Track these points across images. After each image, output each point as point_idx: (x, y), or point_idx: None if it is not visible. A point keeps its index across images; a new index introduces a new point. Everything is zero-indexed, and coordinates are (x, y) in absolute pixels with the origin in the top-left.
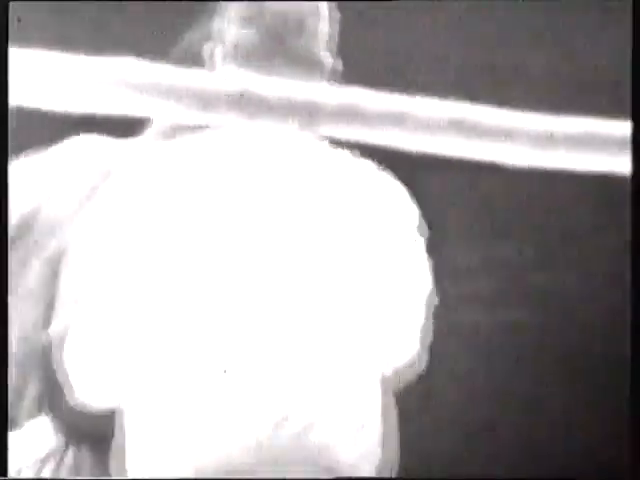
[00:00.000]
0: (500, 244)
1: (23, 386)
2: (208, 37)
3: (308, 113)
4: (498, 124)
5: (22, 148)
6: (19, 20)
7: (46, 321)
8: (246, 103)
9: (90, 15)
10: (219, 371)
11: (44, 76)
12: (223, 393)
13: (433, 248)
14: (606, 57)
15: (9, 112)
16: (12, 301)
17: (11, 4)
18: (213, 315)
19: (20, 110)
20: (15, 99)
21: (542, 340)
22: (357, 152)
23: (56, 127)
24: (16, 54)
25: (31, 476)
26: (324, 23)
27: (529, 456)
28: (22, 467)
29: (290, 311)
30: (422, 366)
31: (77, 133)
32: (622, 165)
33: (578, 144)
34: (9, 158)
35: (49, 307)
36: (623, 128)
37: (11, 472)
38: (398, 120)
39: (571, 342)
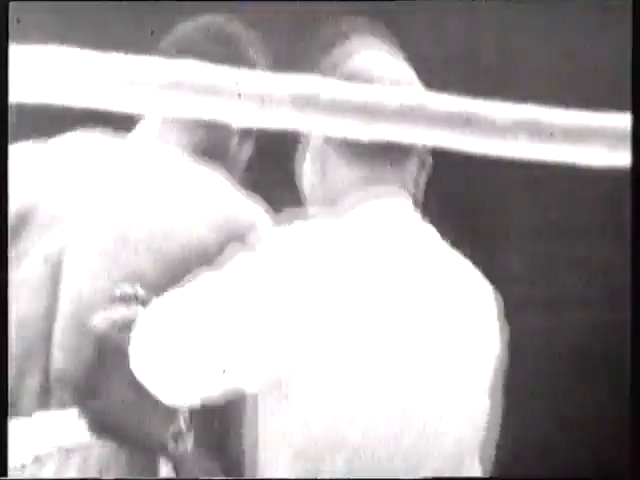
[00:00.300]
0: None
1: (21, 376)
2: (201, 30)
3: (370, 114)
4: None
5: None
6: (18, 21)
7: (49, 315)
8: (306, 104)
9: (90, 16)
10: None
11: (44, 71)
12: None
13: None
14: (606, 57)
15: (9, 109)
16: (11, 293)
17: (11, 4)
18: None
19: (20, 106)
20: (15, 95)
21: (542, 340)
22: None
23: (57, 123)
24: (16, 51)
25: (55, 464)
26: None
27: (529, 456)
28: (41, 455)
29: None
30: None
31: (79, 128)
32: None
33: (577, 137)
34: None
35: (52, 301)
36: (623, 121)
37: (27, 458)
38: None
39: (571, 341)
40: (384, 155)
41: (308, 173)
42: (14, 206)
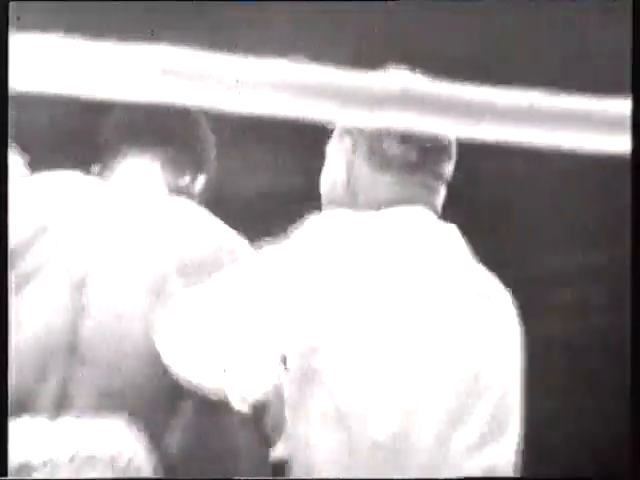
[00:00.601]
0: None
1: (41, 379)
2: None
3: (468, 113)
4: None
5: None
6: (18, 19)
7: (75, 325)
8: (406, 102)
9: (90, 16)
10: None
11: (45, 61)
12: None
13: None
14: (606, 57)
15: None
16: (28, 305)
17: (11, 4)
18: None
19: (20, 95)
20: (15, 85)
21: (541, 339)
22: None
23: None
24: (16, 40)
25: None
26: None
27: (529, 456)
28: (75, 455)
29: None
30: None
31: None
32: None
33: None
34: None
35: (78, 313)
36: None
37: (63, 456)
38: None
39: (571, 341)
40: (413, 171)
41: (333, 181)
42: (27, 220)
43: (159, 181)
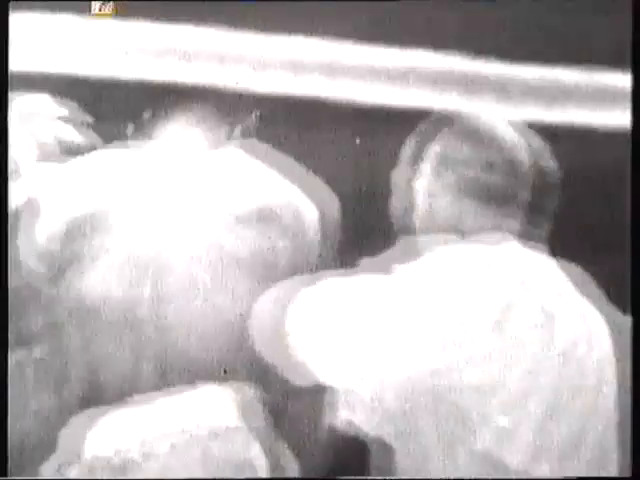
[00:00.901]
0: None
1: (140, 360)
2: None
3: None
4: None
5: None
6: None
7: (152, 298)
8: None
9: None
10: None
11: (49, 40)
12: None
13: None
14: (606, 57)
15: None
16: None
17: (11, 4)
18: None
19: (21, 75)
20: (15, 65)
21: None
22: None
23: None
24: (17, 19)
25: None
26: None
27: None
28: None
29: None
30: None
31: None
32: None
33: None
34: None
35: (137, 285)
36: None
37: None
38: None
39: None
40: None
41: (404, 207)
42: (79, 211)
43: (199, 138)
